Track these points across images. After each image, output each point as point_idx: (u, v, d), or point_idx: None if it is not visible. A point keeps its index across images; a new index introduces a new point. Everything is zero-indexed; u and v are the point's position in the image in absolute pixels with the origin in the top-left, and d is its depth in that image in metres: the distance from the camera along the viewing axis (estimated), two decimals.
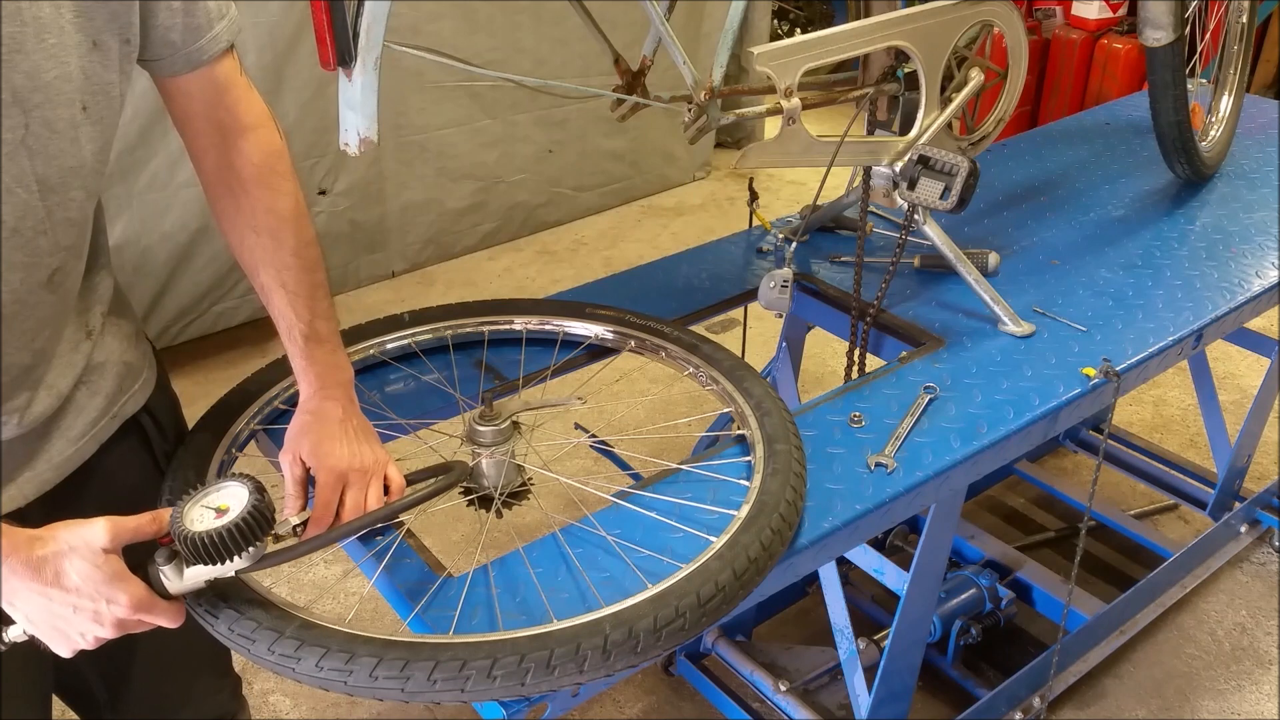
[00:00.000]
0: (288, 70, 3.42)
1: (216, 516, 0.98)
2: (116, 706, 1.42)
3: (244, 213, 1.20)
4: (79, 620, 0.98)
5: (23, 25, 0.96)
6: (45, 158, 1.01)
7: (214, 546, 0.97)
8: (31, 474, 1.16)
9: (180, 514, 0.99)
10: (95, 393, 1.21)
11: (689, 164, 4.93)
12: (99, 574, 0.96)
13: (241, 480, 1.01)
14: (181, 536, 0.97)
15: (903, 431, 1.45)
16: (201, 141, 1.19)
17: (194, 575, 1.01)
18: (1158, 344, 1.67)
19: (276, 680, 2.35)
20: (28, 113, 0.98)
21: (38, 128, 0.99)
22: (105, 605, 0.97)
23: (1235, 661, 2.38)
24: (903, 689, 1.79)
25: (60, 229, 1.07)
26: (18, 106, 0.97)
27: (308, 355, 1.23)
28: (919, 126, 1.75)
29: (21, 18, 0.95)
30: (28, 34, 0.96)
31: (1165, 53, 1.96)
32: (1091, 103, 4.36)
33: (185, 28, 1.11)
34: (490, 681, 0.98)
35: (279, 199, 1.21)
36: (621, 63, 1.58)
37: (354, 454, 1.21)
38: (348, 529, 1.12)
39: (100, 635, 1.00)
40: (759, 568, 1.13)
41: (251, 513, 0.98)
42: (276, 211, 1.20)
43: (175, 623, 1.03)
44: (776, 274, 1.71)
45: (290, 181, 1.22)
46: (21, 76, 0.97)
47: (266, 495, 1.01)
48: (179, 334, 3.54)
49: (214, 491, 1.01)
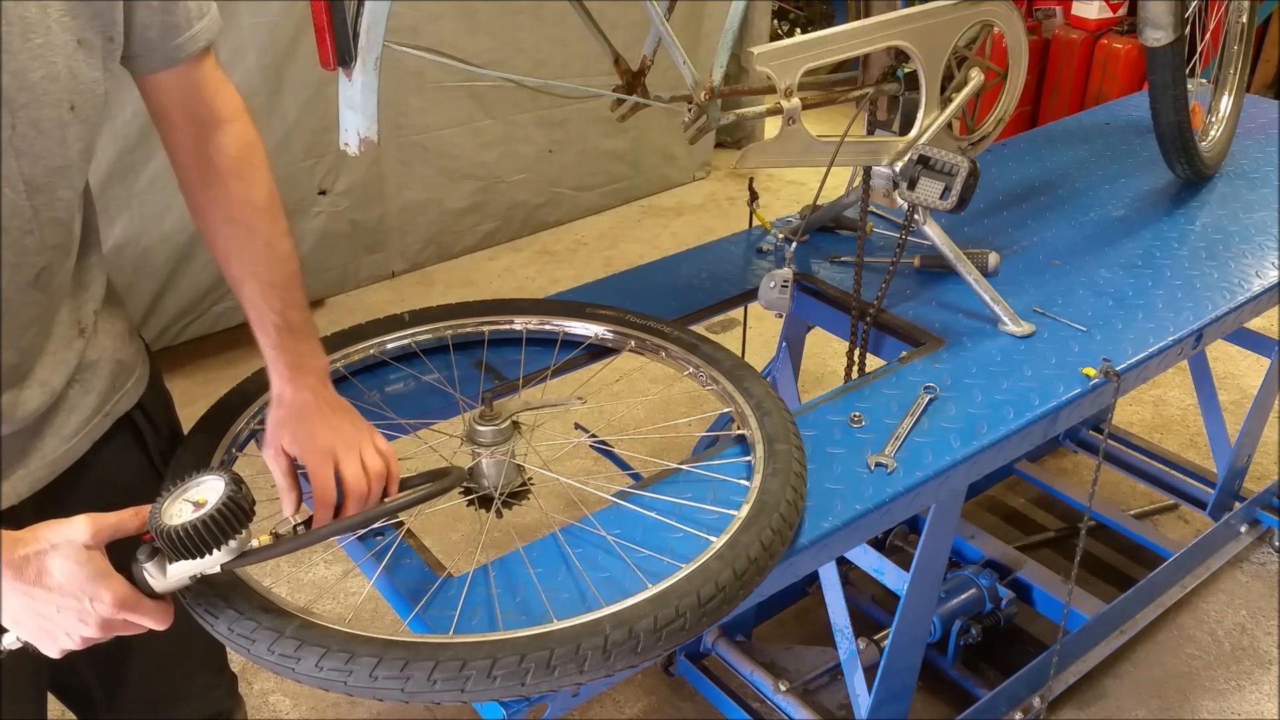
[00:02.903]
0: (288, 70, 3.42)
1: (195, 510, 0.97)
2: (113, 705, 1.42)
3: (219, 204, 1.21)
4: (64, 619, 0.97)
5: (8, 25, 0.96)
6: (32, 158, 1.01)
7: (191, 539, 0.96)
8: (25, 472, 1.16)
9: (159, 509, 0.98)
10: (88, 390, 1.21)
11: (689, 164, 4.93)
12: (82, 571, 0.96)
13: (219, 473, 1.00)
14: (159, 531, 0.96)
15: (903, 431, 1.45)
16: (177, 135, 1.20)
17: (177, 572, 1.00)
18: (1158, 344, 1.67)
19: (276, 680, 2.35)
20: (14, 113, 0.98)
21: (24, 128, 1.00)
22: (89, 603, 0.96)
23: (1235, 661, 2.37)
24: (903, 689, 1.79)
25: (47, 228, 1.07)
26: (4, 107, 0.97)
27: (279, 345, 1.22)
28: (919, 126, 1.74)
29: (6, 18, 0.95)
30: (13, 34, 0.96)
31: (1165, 53, 1.97)
32: (1091, 103, 4.36)
33: (163, 26, 1.11)
34: (490, 681, 0.98)
35: (254, 190, 1.21)
36: (622, 63, 1.58)
37: (334, 429, 1.20)
38: (333, 528, 1.11)
39: (86, 635, 0.98)
40: (759, 567, 1.13)
41: (227, 503, 0.97)
42: (251, 203, 1.21)
43: (163, 624, 1.01)
44: (777, 274, 1.71)
45: (265, 173, 1.23)
46: (8, 77, 0.97)
47: (244, 487, 1.00)
48: (179, 334, 3.53)
49: (193, 486, 1.00)
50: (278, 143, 3.48)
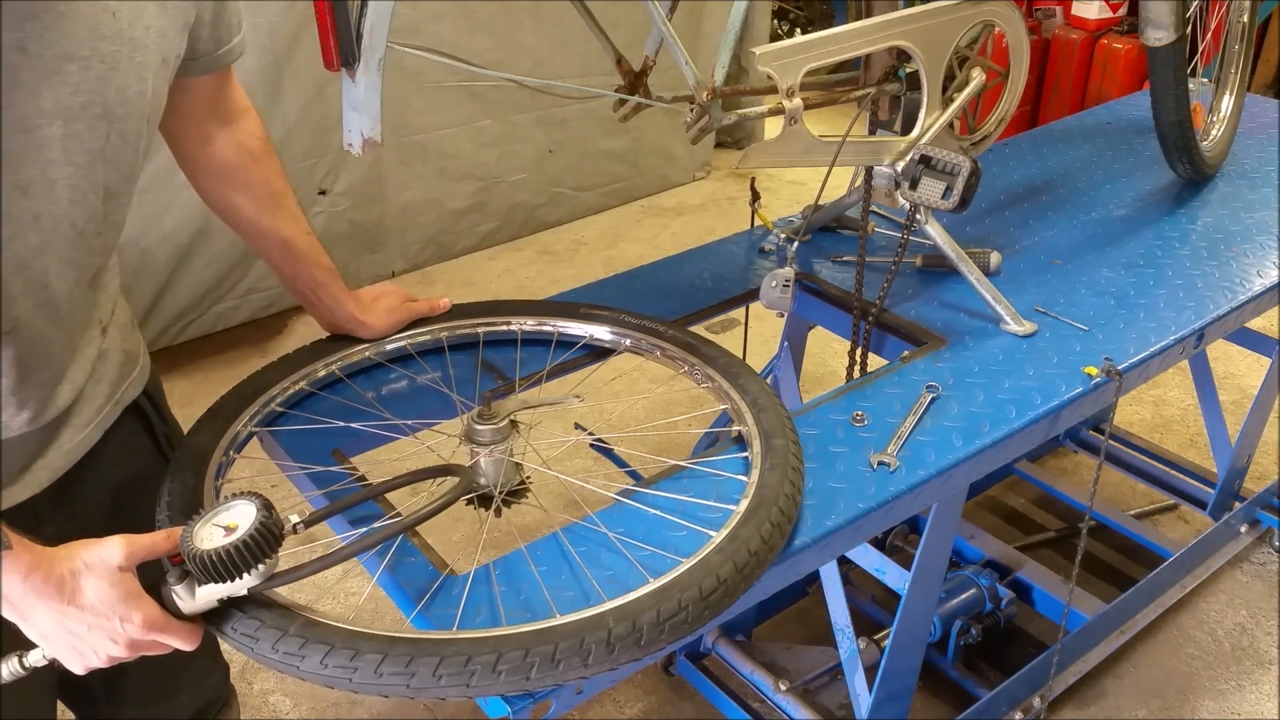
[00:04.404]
0: (288, 70, 3.42)
1: (226, 534, 0.99)
2: (113, 699, 1.44)
3: (225, 178, 1.35)
4: (94, 638, 0.99)
5: (119, 45, 1.03)
6: (115, 167, 1.09)
7: (222, 564, 0.98)
8: (44, 463, 1.19)
9: (190, 533, 1.00)
10: (100, 380, 1.25)
11: (689, 164, 4.93)
12: (114, 592, 0.98)
13: (250, 498, 1.03)
14: (191, 555, 0.98)
15: (905, 430, 1.45)
16: (189, 128, 1.30)
17: (206, 594, 1.02)
18: (1159, 343, 1.67)
19: (276, 680, 2.35)
20: (111, 125, 1.06)
21: (116, 140, 1.07)
22: (120, 624, 0.98)
23: (1235, 661, 2.38)
24: (903, 689, 1.79)
25: (111, 232, 1.15)
26: (105, 119, 1.05)
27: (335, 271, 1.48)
28: (921, 126, 1.75)
29: (121, 37, 1.03)
30: (122, 53, 1.03)
31: (1167, 52, 1.97)
32: (1091, 103, 4.37)
33: (212, 38, 1.21)
34: (495, 676, 0.98)
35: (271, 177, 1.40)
36: (624, 63, 1.58)
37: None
38: (352, 549, 1.09)
39: (114, 654, 1.01)
40: (759, 561, 1.14)
41: (259, 530, 0.99)
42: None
43: (190, 645, 1.03)
44: (779, 273, 1.71)
45: (274, 158, 1.40)
46: (114, 92, 1.04)
47: (275, 512, 1.02)
48: (179, 334, 3.53)
49: (224, 510, 1.02)
50: (277, 143, 3.43)
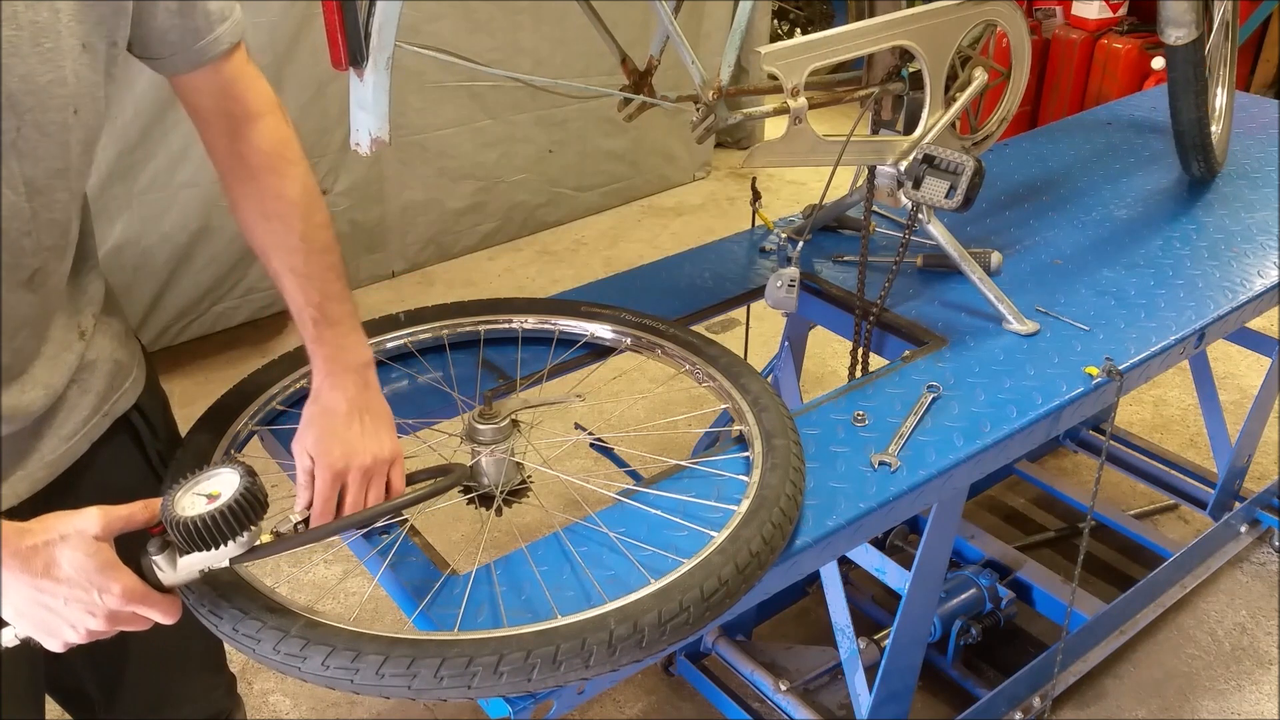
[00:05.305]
0: (288, 70, 3.41)
1: (208, 502, 0.96)
2: (111, 706, 1.41)
3: (253, 199, 1.21)
4: (70, 612, 0.96)
5: (19, 29, 0.96)
6: (34, 160, 1.02)
7: (206, 531, 0.95)
8: (24, 473, 1.16)
9: (171, 501, 0.97)
10: (86, 390, 1.21)
11: (689, 164, 4.93)
12: (91, 563, 0.95)
13: (233, 466, 1.00)
14: (172, 522, 0.96)
15: (906, 430, 1.45)
16: (212, 131, 1.21)
17: (187, 565, 0.99)
18: (1160, 343, 1.67)
19: (277, 680, 2.35)
20: (19, 116, 0.98)
21: (29, 131, 1.00)
22: (98, 595, 0.95)
23: (1235, 661, 2.38)
24: (903, 689, 1.78)
25: (44, 230, 1.07)
26: (11, 110, 0.97)
27: (317, 338, 1.22)
28: (924, 125, 1.74)
29: (18, 21, 0.95)
30: (23, 38, 0.96)
31: (1187, 50, 1.97)
32: (1091, 103, 4.37)
33: (183, 30, 1.12)
34: (497, 678, 0.98)
35: (287, 184, 1.21)
36: (628, 62, 1.58)
37: (354, 452, 1.19)
38: (335, 526, 1.12)
39: (92, 628, 0.97)
40: (760, 561, 1.14)
41: (243, 495, 0.96)
42: (285, 197, 1.21)
43: (170, 618, 1.01)
44: (783, 273, 1.70)
45: (299, 166, 1.23)
46: (16, 80, 0.97)
47: (258, 479, 0.99)
48: (179, 334, 3.52)
49: (205, 478, 0.99)
50: None
